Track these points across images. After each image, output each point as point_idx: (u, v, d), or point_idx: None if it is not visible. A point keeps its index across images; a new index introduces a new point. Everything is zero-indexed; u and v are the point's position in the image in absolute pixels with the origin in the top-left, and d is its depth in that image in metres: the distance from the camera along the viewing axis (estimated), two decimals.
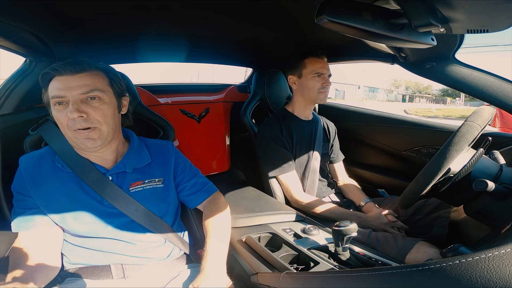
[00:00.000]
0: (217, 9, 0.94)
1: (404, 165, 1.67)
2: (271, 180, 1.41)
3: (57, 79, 0.79)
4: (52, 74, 0.80)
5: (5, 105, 1.02)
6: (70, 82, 0.78)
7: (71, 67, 0.79)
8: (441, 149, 0.82)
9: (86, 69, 0.81)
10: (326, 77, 1.41)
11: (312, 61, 1.41)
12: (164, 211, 0.93)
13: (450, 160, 0.79)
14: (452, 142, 0.80)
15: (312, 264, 0.81)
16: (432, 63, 1.03)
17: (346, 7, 0.54)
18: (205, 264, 0.80)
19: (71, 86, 0.78)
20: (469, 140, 0.79)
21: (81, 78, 0.79)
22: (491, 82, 0.94)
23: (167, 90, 1.90)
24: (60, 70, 0.79)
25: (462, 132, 0.80)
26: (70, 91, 0.78)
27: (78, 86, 0.78)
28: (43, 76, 0.81)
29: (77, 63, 0.80)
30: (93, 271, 0.84)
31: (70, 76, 0.79)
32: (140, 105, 1.18)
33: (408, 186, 0.92)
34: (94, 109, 0.79)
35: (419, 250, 0.95)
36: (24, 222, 0.80)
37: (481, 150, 0.86)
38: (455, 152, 0.79)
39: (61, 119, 0.79)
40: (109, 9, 0.88)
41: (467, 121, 0.82)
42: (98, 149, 0.84)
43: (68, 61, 0.80)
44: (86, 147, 0.82)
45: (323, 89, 1.41)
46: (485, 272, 0.38)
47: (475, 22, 0.65)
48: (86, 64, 0.82)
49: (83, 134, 0.79)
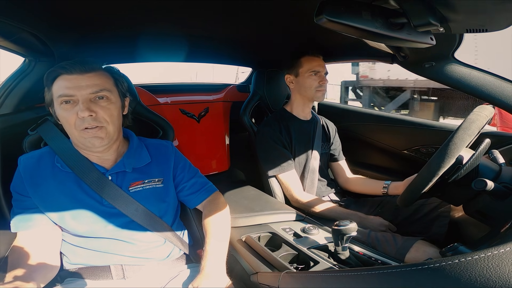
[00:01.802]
0: (217, 9, 0.94)
1: (403, 164, 1.67)
2: (270, 179, 1.42)
3: (64, 78, 0.79)
4: (59, 72, 0.80)
5: (4, 105, 1.01)
6: (79, 81, 0.79)
7: (81, 66, 0.80)
8: (448, 138, 0.80)
9: (95, 69, 0.82)
10: (322, 75, 1.42)
11: (308, 59, 1.42)
12: (164, 211, 0.93)
13: (462, 145, 0.77)
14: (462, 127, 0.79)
15: (312, 264, 0.81)
16: (431, 63, 1.03)
17: (346, 6, 0.54)
18: (204, 264, 0.80)
19: (80, 85, 0.79)
20: (479, 126, 0.79)
21: (90, 78, 0.80)
22: (490, 82, 0.94)
23: (167, 90, 1.90)
24: (69, 69, 0.79)
25: (471, 119, 0.80)
26: (79, 90, 0.78)
27: (88, 86, 0.79)
28: (49, 74, 0.81)
29: (86, 62, 0.81)
30: (92, 272, 0.84)
31: (79, 76, 0.79)
32: (140, 105, 1.18)
33: (409, 183, 0.92)
34: (102, 108, 0.80)
35: (419, 250, 0.95)
36: (23, 222, 0.80)
37: (487, 140, 0.85)
38: (467, 137, 0.77)
39: (68, 118, 0.79)
40: (108, 9, 0.88)
41: (474, 112, 0.82)
42: (104, 148, 0.85)
43: (77, 60, 0.81)
44: (93, 146, 0.82)
45: (320, 87, 1.41)
46: (485, 272, 0.38)
47: (474, 21, 0.65)
48: (94, 64, 0.83)
49: (90, 133, 0.79)
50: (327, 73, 1.45)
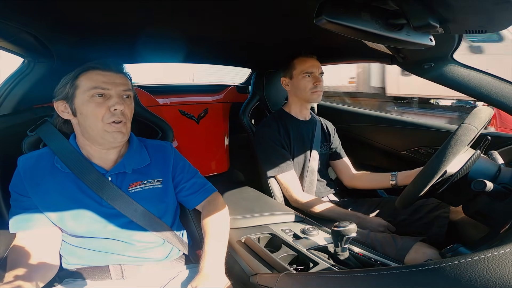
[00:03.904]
0: (216, 11, 0.94)
1: (403, 165, 1.66)
2: (270, 180, 1.41)
3: (99, 73, 0.84)
4: (92, 68, 0.84)
5: (3, 106, 1.01)
6: (114, 79, 0.85)
7: (116, 66, 0.87)
8: (438, 151, 0.82)
9: (123, 70, 0.90)
10: (316, 76, 1.40)
11: (300, 61, 1.41)
12: (163, 211, 0.93)
13: (446, 163, 0.79)
14: (448, 145, 0.80)
15: (312, 265, 0.81)
16: (430, 64, 1.04)
17: (345, 7, 0.54)
18: (203, 265, 0.80)
19: (116, 82, 0.85)
20: (465, 143, 0.80)
21: (121, 77, 0.87)
22: (489, 83, 0.94)
23: (166, 91, 1.90)
24: (105, 66, 0.85)
25: (458, 134, 0.80)
26: (115, 86, 0.84)
27: (122, 84, 0.86)
28: (79, 68, 0.84)
29: (119, 63, 0.89)
30: (91, 272, 0.84)
31: (114, 74, 0.86)
32: (139, 106, 1.17)
33: (406, 187, 0.92)
34: (128, 106, 0.87)
35: (418, 251, 0.95)
36: (22, 222, 0.80)
37: (478, 152, 0.86)
38: (451, 155, 0.79)
39: (98, 110, 0.82)
40: (108, 10, 0.88)
41: (464, 124, 0.82)
42: (122, 144, 0.90)
43: (110, 60, 0.87)
44: (114, 141, 0.85)
45: (315, 88, 1.39)
46: (485, 273, 0.38)
47: (473, 22, 0.65)
48: (122, 66, 0.91)
49: (116, 127, 0.83)
50: (323, 73, 1.43)
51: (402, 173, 1.33)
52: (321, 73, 1.42)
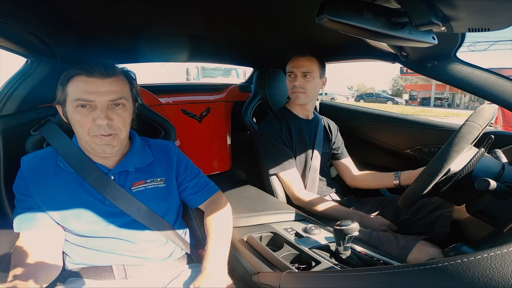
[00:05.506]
0: (218, 10, 0.94)
1: (405, 164, 1.66)
2: (272, 178, 1.41)
3: (83, 80, 0.77)
4: (78, 73, 0.77)
5: (6, 105, 1.02)
6: (99, 87, 0.77)
7: (102, 70, 0.77)
8: (441, 149, 0.81)
9: (115, 73, 0.80)
10: (296, 76, 1.37)
11: (290, 60, 1.41)
12: (166, 210, 0.93)
13: (450, 161, 0.79)
14: (452, 143, 0.79)
15: (314, 264, 0.81)
16: (434, 62, 1.03)
17: (347, 6, 0.54)
18: (206, 264, 0.80)
19: (100, 91, 0.76)
20: (469, 141, 0.79)
21: (110, 84, 0.78)
22: (492, 81, 0.94)
23: (168, 90, 1.91)
24: (90, 71, 0.76)
25: (462, 132, 0.80)
26: (99, 96, 0.76)
27: (108, 92, 0.77)
28: (67, 73, 0.79)
29: (107, 66, 0.79)
30: (95, 272, 0.85)
31: (99, 80, 0.77)
32: (141, 105, 1.18)
33: (409, 185, 0.92)
34: (118, 116, 0.80)
35: (421, 250, 0.94)
36: (25, 222, 0.81)
37: (482, 150, 0.86)
38: (455, 153, 0.78)
39: (83, 122, 0.77)
40: (110, 10, 0.88)
41: (468, 121, 0.82)
42: (114, 155, 0.85)
43: (98, 62, 0.78)
44: (103, 153, 0.82)
45: (294, 88, 1.39)
46: (488, 272, 0.38)
47: (476, 20, 0.64)
48: (115, 68, 0.81)
49: (104, 140, 0.79)
50: (307, 73, 1.37)
51: (405, 173, 1.32)
52: (306, 73, 1.37)
